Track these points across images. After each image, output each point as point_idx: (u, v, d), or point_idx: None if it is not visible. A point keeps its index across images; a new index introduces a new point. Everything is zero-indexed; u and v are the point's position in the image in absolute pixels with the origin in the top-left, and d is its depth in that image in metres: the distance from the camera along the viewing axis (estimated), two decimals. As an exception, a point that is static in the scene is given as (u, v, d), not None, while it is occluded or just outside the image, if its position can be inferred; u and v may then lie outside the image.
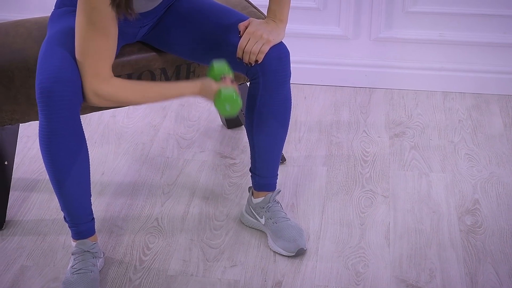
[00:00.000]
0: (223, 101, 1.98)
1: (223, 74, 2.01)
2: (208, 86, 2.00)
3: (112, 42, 1.92)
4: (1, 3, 3.16)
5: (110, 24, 1.89)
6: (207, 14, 2.15)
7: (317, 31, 3.03)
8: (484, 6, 2.92)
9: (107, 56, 1.92)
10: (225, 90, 1.98)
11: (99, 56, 1.90)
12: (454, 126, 2.80)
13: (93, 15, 1.86)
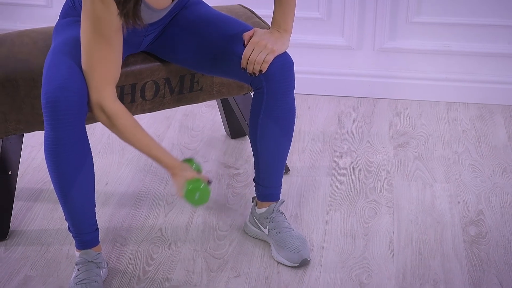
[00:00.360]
0: (192, 191, 1.97)
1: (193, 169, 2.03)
2: (184, 171, 2.00)
3: (117, 52, 1.93)
4: (6, 14, 3.17)
5: (115, 34, 1.89)
6: (212, 24, 2.15)
7: (321, 41, 3.04)
8: (488, 17, 2.93)
9: (112, 66, 1.93)
10: (194, 180, 1.98)
11: (105, 66, 1.91)
12: (458, 136, 2.80)
13: (98, 25, 1.86)
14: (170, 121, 2.89)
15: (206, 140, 2.78)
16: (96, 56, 1.90)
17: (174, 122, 2.89)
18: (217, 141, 2.77)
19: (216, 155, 2.69)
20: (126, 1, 1.79)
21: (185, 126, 2.86)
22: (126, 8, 1.80)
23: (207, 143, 2.76)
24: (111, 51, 1.90)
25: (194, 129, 2.84)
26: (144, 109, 2.29)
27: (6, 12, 3.17)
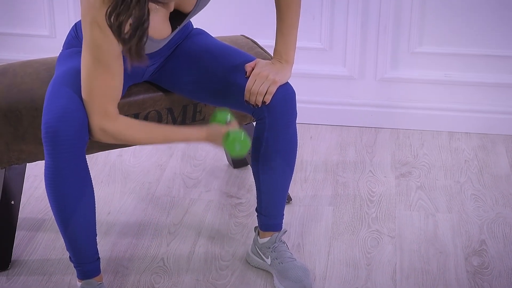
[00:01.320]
0: (233, 141, 1.99)
1: (226, 120, 2.03)
2: (215, 130, 2.01)
3: (118, 80, 1.93)
4: (10, 44, 3.19)
5: (115, 62, 1.90)
6: (214, 55, 2.16)
7: (323, 71, 3.05)
8: (490, 47, 2.94)
9: (113, 93, 1.93)
10: (233, 131, 2.00)
11: (106, 93, 1.91)
12: (460, 166, 2.80)
13: (98, 53, 1.87)
14: (173, 150, 2.89)
15: (208, 170, 2.78)
16: (96, 84, 1.90)
17: (176, 151, 2.89)
18: (219, 171, 2.77)
19: (218, 185, 2.69)
20: (131, 37, 1.79)
21: (188, 156, 2.87)
22: (130, 45, 1.80)
23: (209, 173, 2.76)
24: (111, 78, 1.91)
25: (196, 159, 2.85)
26: (146, 138, 2.29)
27: (9, 42, 3.18)
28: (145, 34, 1.79)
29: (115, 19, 1.76)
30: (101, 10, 1.80)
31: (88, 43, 1.87)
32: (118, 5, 1.74)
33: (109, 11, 1.76)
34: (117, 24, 1.76)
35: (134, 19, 1.75)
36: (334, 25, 2.98)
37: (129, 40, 1.78)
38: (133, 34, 1.77)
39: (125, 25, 1.77)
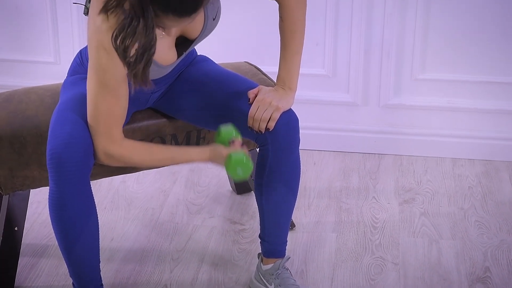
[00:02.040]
0: (234, 165, 1.99)
1: (231, 138, 2.03)
2: (218, 152, 2.02)
3: (123, 103, 1.94)
4: (15, 70, 3.20)
5: (120, 86, 1.91)
6: (217, 81, 2.17)
7: (326, 97, 3.06)
8: (492, 74, 2.95)
9: (118, 117, 1.94)
10: (235, 154, 1.99)
11: (111, 117, 1.92)
12: (464, 192, 2.80)
13: (104, 77, 1.88)
14: (176, 176, 2.90)
15: (212, 196, 2.78)
16: (101, 108, 1.91)
17: (180, 177, 2.89)
18: (223, 197, 2.77)
19: (222, 211, 2.69)
20: (136, 62, 1.80)
21: (191, 182, 2.87)
22: (135, 69, 1.82)
23: (213, 199, 2.76)
24: (116, 102, 1.92)
25: (200, 185, 2.85)
26: (150, 165, 2.30)
27: (14, 68, 3.20)
28: (151, 59, 1.81)
29: (121, 42, 1.78)
30: (108, 34, 1.81)
31: (94, 66, 1.88)
32: (124, 28, 1.76)
33: (115, 33, 1.78)
34: (123, 48, 1.78)
35: (141, 44, 1.77)
36: (337, 51, 2.99)
37: (135, 64, 1.80)
38: (139, 58, 1.79)
39: (131, 49, 1.78)
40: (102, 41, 1.83)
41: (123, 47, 1.78)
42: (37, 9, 3.09)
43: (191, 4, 1.74)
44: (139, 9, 1.74)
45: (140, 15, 1.74)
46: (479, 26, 2.90)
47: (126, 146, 1.96)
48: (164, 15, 1.75)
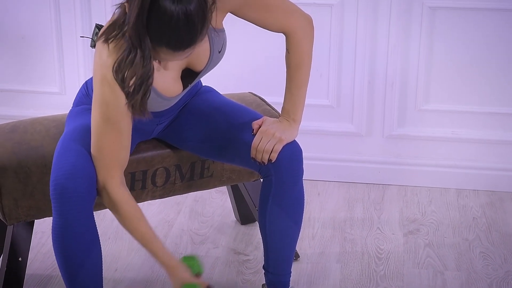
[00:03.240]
0: None
1: (195, 272, 2.00)
2: (181, 272, 1.99)
3: (126, 137, 1.95)
4: (20, 101, 3.22)
5: (123, 119, 1.92)
6: (221, 112, 2.18)
7: (330, 128, 3.07)
8: (497, 105, 2.95)
9: (120, 152, 1.95)
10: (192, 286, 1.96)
11: (113, 151, 1.93)
12: (469, 223, 2.79)
13: (107, 110, 1.89)
14: (181, 206, 2.90)
15: (216, 226, 2.78)
16: (104, 141, 1.92)
17: (184, 208, 2.89)
18: (227, 227, 2.77)
19: (226, 241, 2.68)
20: (134, 92, 1.83)
21: (195, 212, 2.87)
22: (134, 100, 1.83)
23: (217, 229, 2.76)
24: (119, 135, 1.93)
25: (204, 215, 2.85)
26: (154, 195, 2.30)
27: (20, 99, 3.21)
28: (149, 90, 1.83)
29: (119, 73, 1.80)
30: (111, 68, 1.83)
31: (97, 99, 1.90)
32: (123, 59, 1.79)
33: (115, 65, 1.80)
34: (120, 77, 1.80)
35: (139, 75, 1.79)
36: (341, 82, 3.01)
37: (133, 95, 1.82)
38: (137, 89, 1.81)
39: (129, 80, 1.80)
40: (106, 75, 1.85)
41: (121, 78, 1.81)
42: (43, 40, 3.11)
43: (185, 39, 1.75)
44: (136, 40, 1.76)
45: (137, 46, 1.77)
46: (482, 56, 2.91)
47: (123, 194, 1.96)
48: (158, 48, 1.77)
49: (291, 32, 2.07)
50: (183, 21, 1.73)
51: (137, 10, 1.73)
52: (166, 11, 1.72)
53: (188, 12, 1.73)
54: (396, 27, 2.90)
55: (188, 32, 1.74)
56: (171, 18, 1.72)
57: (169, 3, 1.72)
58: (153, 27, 1.74)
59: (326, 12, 2.92)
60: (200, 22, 1.75)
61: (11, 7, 3.08)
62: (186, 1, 1.73)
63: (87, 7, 3.03)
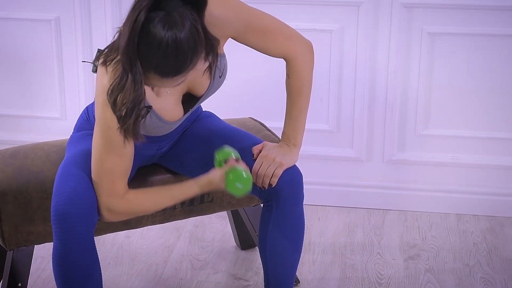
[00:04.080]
0: (233, 181, 1.99)
1: (226, 158, 2.02)
2: (213, 176, 2.02)
3: (127, 162, 1.95)
4: (21, 126, 3.22)
5: (125, 144, 1.92)
6: (221, 137, 2.18)
7: (330, 153, 3.07)
8: (496, 130, 2.96)
9: (122, 175, 1.95)
10: (231, 171, 1.99)
11: (115, 175, 1.93)
12: (469, 249, 2.78)
13: (109, 135, 1.89)
14: (181, 232, 2.89)
15: (216, 251, 2.77)
16: (106, 164, 1.92)
17: (184, 233, 2.89)
18: (227, 252, 2.76)
19: (226, 266, 2.68)
20: (126, 116, 1.82)
21: (195, 237, 2.86)
22: (126, 124, 1.83)
23: (217, 254, 2.75)
24: (121, 159, 1.93)
25: (204, 240, 2.84)
26: (154, 220, 2.30)
27: (21, 124, 3.22)
28: (141, 114, 1.83)
29: (112, 95, 1.80)
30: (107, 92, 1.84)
31: (99, 124, 1.90)
32: (117, 83, 1.80)
33: (109, 89, 1.81)
34: (112, 101, 1.81)
35: (131, 99, 1.79)
36: (341, 107, 3.02)
37: (125, 119, 1.82)
38: (129, 113, 1.81)
39: (120, 104, 1.80)
40: (106, 99, 1.85)
41: (113, 101, 1.81)
42: (44, 65, 3.12)
43: (173, 66, 1.74)
44: (127, 64, 1.76)
45: (128, 70, 1.77)
46: (482, 82, 2.92)
47: (129, 199, 1.97)
48: (147, 73, 1.76)
49: (292, 58, 2.08)
50: (172, 48, 1.72)
51: (128, 34, 1.73)
52: (155, 37, 1.71)
53: (178, 39, 1.72)
54: (396, 52, 2.91)
55: (176, 59, 1.73)
56: (160, 44, 1.71)
57: (159, 29, 1.71)
58: (142, 52, 1.73)
59: (326, 38, 2.94)
60: (190, 51, 1.74)
61: (12, 32, 3.10)
62: (177, 28, 1.72)
63: (88, 32, 3.04)
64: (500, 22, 2.84)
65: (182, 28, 1.72)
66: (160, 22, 1.71)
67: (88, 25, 3.04)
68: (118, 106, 1.81)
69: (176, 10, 1.72)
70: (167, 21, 1.71)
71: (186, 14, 1.73)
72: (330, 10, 2.90)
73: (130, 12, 1.73)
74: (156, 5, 1.72)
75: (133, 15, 1.72)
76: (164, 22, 1.71)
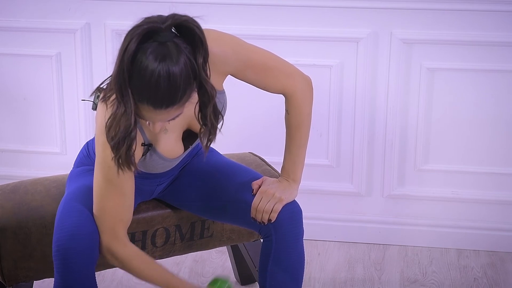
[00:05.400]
0: None
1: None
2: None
3: (128, 200, 1.95)
4: (21, 161, 3.22)
5: (126, 183, 1.92)
6: (221, 172, 2.19)
7: (330, 187, 3.07)
8: (496, 165, 2.96)
9: (123, 213, 1.95)
10: None
11: (116, 213, 1.94)
12: (470, 284, 2.77)
13: (110, 173, 1.90)
14: (180, 267, 2.88)
15: (215, 287, 2.76)
16: (107, 203, 1.92)
17: (184, 268, 2.88)
18: None
19: (226, 302, 2.66)
20: (119, 145, 1.81)
21: (195, 272, 2.85)
22: (119, 153, 1.83)
23: (216, 290, 2.74)
24: (122, 198, 1.93)
25: (204, 275, 2.83)
26: (154, 255, 2.30)
27: (21, 159, 3.22)
28: (133, 143, 1.82)
29: (107, 126, 1.80)
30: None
31: (100, 162, 1.91)
32: (112, 114, 1.79)
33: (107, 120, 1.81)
34: (106, 130, 1.81)
35: (122, 129, 1.78)
36: (341, 142, 3.02)
37: (118, 148, 1.81)
38: (121, 143, 1.80)
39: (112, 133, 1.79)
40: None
41: (107, 130, 1.81)
42: (45, 100, 3.13)
43: (165, 97, 1.73)
44: (119, 94, 1.75)
45: (120, 99, 1.76)
46: (481, 117, 2.93)
47: (130, 251, 1.97)
48: (140, 103, 1.75)
49: (291, 93, 2.09)
50: (164, 80, 1.70)
51: (118, 63, 1.72)
52: (147, 68, 1.70)
53: (171, 72, 1.70)
54: (395, 87, 2.93)
55: (169, 91, 1.72)
56: (151, 76, 1.70)
57: (152, 61, 1.70)
58: (134, 82, 1.72)
59: (325, 73, 2.95)
60: (183, 83, 1.73)
61: (14, 68, 3.11)
62: (170, 61, 1.71)
63: (89, 68, 3.06)
64: (498, 58, 2.85)
65: (175, 59, 1.71)
66: (152, 53, 1.70)
67: (89, 61, 3.05)
68: (111, 135, 1.81)
69: (170, 41, 1.73)
70: (159, 53, 1.70)
71: (179, 46, 1.73)
72: (329, 46, 2.92)
73: (122, 41, 1.73)
74: (149, 36, 1.73)
75: (124, 44, 1.71)
76: (156, 54, 1.70)
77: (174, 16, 1.74)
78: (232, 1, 2.90)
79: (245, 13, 2.91)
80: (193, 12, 1.83)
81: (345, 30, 2.89)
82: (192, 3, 2.86)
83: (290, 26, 2.91)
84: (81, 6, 2.99)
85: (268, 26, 2.91)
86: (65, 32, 3.03)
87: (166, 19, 1.74)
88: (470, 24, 2.83)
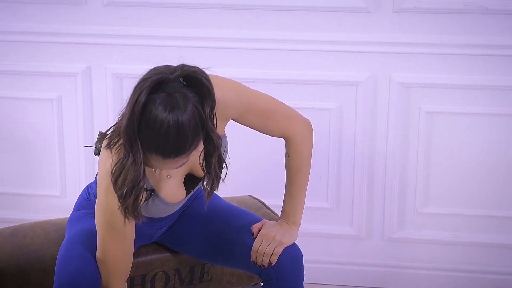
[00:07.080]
0: None
1: None
2: None
3: (129, 244, 1.95)
4: (21, 204, 3.22)
5: (127, 228, 1.92)
6: (221, 215, 2.19)
7: (330, 230, 3.06)
8: (496, 208, 2.96)
9: (125, 258, 1.95)
10: None
11: (118, 258, 1.94)
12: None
13: (111, 219, 1.90)
14: (179, 311, 2.86)
15: (215, 331, 2.74)
16: (109, 248, 1.92)
17: (183, 312, 2.86)
18: (226, 332, 2.73)
19: None
20: (126, 196, 1.82)
21: (194, 317, 2.83)
22: (126, 203, 1.83)
23: (216, 334, 2.72)
24: (123, 243, 1.93)
25: (203, 320, 2.81)
26: (153, 300, 2.29)
27: (20, 202, 3.22)
28: (141, 193, 1.82)
29: (113, 175, 1.80)
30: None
31: (102, 208, 1.91)
32: (119, 164, 1.79)
33: (113, 169, 1.81)
34: (113, 180, 1.80)
35: (130, 179, 1.78)
36: (340, 185, 3.02)
37: (125, 198, 1.81)
38: (129, 193, 1.80)
39: (120, 183, 1.79)
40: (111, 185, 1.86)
41: (114, 180, 1.81)
42: (45, 144, 3.14)
43: (174, 147, 1.74)
44: (128, 144, 1.76)
45: (129, 150, 1.76)
46: (481, 160, 2.93)
47: None
48: (148, 153, 1.76)
49: (291, 137, 2.09)
50: (173, 130, 1.71)
51: (129, 114, 1.73)
52: (157, 119, 1.71)
53: (180, 121, 1.71)
54: (394, 130, 2.94)
55: (178, 141, 1.73)
56: (161, 126, 1.71)
57: (161, 111, 1.71)
58: (143, 133, 1.73)
59: (325, 116, 2.96)
60: (192, 132, 1.74)
61: (14, 111, 3.12)
62: (179, 110, 1.72)
63: (90, 112, 3.07)
64: (496, 102, 2.87)
65: (184, 109, 1.72)
66: (161, 104, 1.71)
67: (89, 105, 3.06)
68: (119, 185, 1.81)
69: (178, 92, 1.74)
70: (168, 103, 1.72)
71: (188, 96, 1.74)
72: (328, 89, 2.93)
73: (132, 93, 1.74)
74: (158, 87, 1.74)
75: (134, 96, 1.73)
76: (165, 104, 1.71)
77: (183, 67, 1.76)
78: (229, 45, 2.91)
79: (245, 56, 2.93)
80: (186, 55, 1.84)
81: (344, 74, 2.91)
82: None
83: (289, 69, 2.93)
84: (81, 50, 3.01)
85: (268, 69, 2.93)
86: (66, 76, 3.05)
87: (175, 69, 1.75)
88: (468, 68, 2.85)
